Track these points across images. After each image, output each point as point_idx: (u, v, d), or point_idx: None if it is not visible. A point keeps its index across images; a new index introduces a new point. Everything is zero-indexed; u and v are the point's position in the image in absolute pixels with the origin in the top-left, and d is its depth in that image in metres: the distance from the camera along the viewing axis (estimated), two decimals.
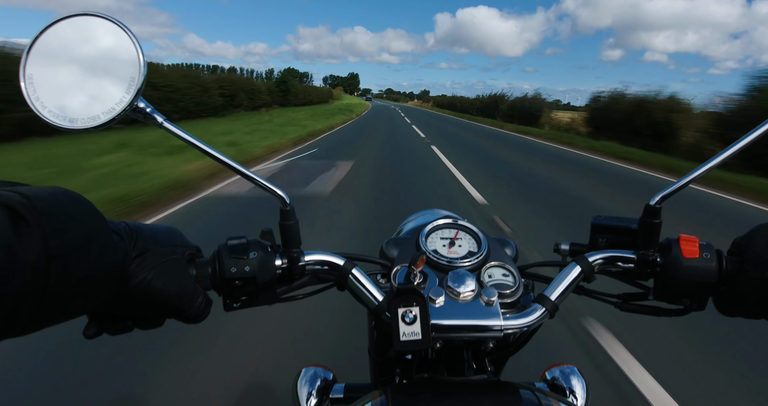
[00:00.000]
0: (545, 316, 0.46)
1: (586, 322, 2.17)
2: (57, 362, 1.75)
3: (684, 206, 4.93)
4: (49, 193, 0.31)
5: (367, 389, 0.65)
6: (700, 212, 4.93)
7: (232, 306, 0.47)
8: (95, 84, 0.40)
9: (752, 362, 1.94)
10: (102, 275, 0.33)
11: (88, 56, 0.40)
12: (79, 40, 0.39)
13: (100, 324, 0.42)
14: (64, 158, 6.06)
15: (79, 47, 0.39)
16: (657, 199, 0.47)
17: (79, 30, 0.39)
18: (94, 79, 0.40)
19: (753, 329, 2.12)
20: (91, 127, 0.39)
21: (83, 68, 0.39)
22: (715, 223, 4.59)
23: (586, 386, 0.66)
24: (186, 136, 0.44)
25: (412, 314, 0.43)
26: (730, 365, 1.92)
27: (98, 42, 0.40)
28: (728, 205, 5.63)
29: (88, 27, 0.40)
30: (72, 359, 1.77)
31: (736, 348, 2.05)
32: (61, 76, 0.39)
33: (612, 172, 8.02)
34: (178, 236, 0.44)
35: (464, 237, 0.57)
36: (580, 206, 5.03)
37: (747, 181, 6.58)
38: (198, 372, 1.73)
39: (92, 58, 0.40)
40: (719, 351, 2.02)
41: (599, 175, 7.57)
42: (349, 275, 0.49)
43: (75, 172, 5.25)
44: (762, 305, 0.43)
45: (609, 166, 8.78)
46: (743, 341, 2.10)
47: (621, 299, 0.53)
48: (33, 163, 5.66)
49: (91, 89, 0.39)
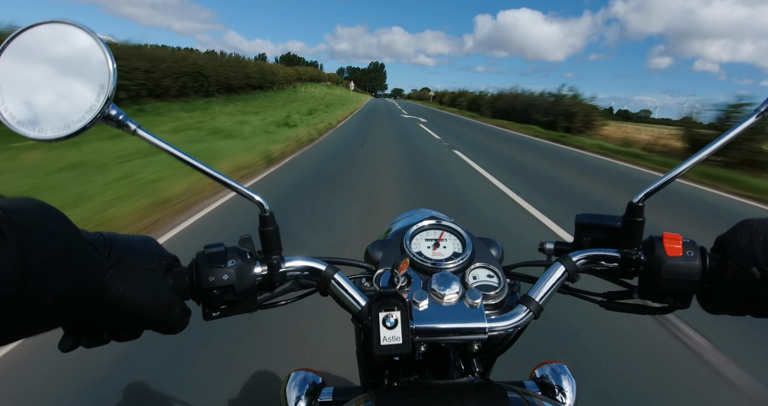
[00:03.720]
0: (530, 317, 0.46)
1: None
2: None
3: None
4: (24, 205, 0.31)
5: (355, 393, 0.64)
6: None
7: (211, 315, 0.46)
8: (64, 93, 0.39)
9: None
10: (78, 287, 0.33)
11: (57, 65, 0.39)
12: (46, 49, 0.38)
13: (76, 337, 0.41)
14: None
15: (48, 56, 0.38)
16: (640, 196, 0.47)
17: (47, 39, 0.38)
18: (63, 88, 0.39)
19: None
20: (62, 136, 0.38)
21: (51, 77, 0.38)
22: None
23: (575, 384, 0.66)
24: (160, 143, 0.43)
25: (393, 318, 0.42)
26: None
27: (66, 50, 0.39)
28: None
29: (58, 35, 0.39)
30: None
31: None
32: (29, 86, 0.38)
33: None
34: (154, 245, 0.44)
35: (449, 238, 0.56)
36: None
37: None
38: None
39: (61, 67, 0.39)
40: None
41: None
42: (332, 280, 0.48)
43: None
44: (746, 301, 0.43)
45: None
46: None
47: (606, 297, 0.53)
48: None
49: (60, 99, 0.38)
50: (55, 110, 0.38)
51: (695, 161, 0.45)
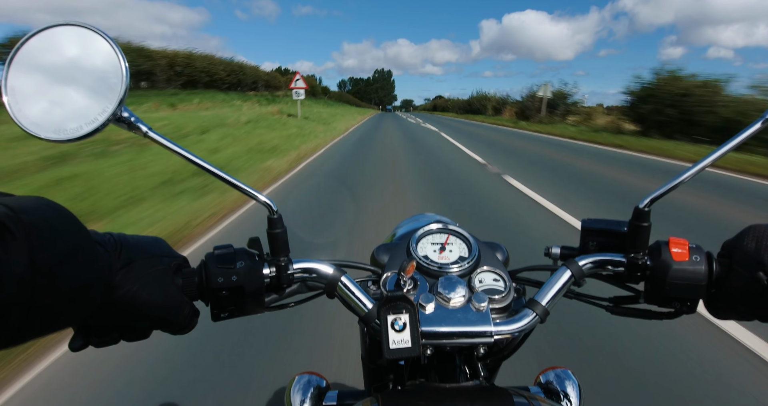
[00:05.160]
0: (536, 321, 0.46)
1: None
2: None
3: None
4: (34, 205, 0.31)
5: (360, 396, 0.64)
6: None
7: (219, 316, 0.46)
8: (78, 95, 0.39)
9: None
10: (87, 287, 0.33)
11: (71, 67, 0.39)
12: (61, 51, 0.39)
13: (86, 336, 0.41)
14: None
15: (62, 58, 0.39)
16: (646, 201, 0.47)
17: (61, 41, 0.39)
18: (77, 90, 0.39)
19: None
20: (75, 138, 0.39)
21: (66, 79, 0.39)
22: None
23: (580, 389, 0.66)
24: (170, 145, 0.43)
25: (402, 322, 0.42)
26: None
27: (81, 52, 0.39)
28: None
29: (71, 37, 0.39)
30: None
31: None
32: (43, 88, 0.39)
33: None
34: (164, 246, 0.44)
35: (455, 242, 0.56)
36: None
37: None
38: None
39: (75, 69, 0.39)
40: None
41: None
42: (339, 282, 0.49)
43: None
44: (752, 305, 0.43)
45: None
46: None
47: (612, 302, 0.53)
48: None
49: (74, 100, 0.39)
50: (68, 113, 0.39)
51: (702, 166, 0.45)
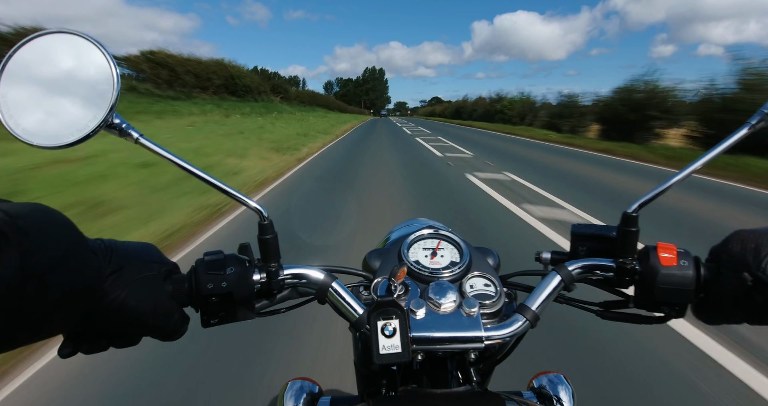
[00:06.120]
0: (526, 326, 0.46)
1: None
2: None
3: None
4: (30, 210, 0.31)
5: (353, 402, 0.64)
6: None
7: (209, 322, 0.46)
8: (69, 101, 0.39)
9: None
10: (76, 293, 0.33)
11: (62, 74, 0.39)
12: (52, 58, 0.39)
13: (76, 343, 0.41)
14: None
15: (53, 65, 0.39)
16: (634, 207, 0.47)
17: (52, 48, 0.39)
18: (68, 97, 0.39)
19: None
20: (65, 144, 0.39)
21: (57, 86, 0.39)
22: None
23: (573, 394, 0.66)
24: (162, 152, 0.43)
25: (392, 327, 0.42)
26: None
27: (71, 59, 0.39)
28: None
29: (61, 45, 0.39)
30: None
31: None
32: (34, 95, 0.39)
33: None
34: (155, 252, 0.44)
35: (446, 247, 0.57)
36: None
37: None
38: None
39: (66, 76, 0.39)
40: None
41: None
42: (329, 288, 0.49)
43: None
44: (740, 308, 0.43)
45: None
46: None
47: (602, 307, 0.53)
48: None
49: (64, 107, 0.39)
50: (59, 119, 0.39)
51: (689, 172, 0.46)
